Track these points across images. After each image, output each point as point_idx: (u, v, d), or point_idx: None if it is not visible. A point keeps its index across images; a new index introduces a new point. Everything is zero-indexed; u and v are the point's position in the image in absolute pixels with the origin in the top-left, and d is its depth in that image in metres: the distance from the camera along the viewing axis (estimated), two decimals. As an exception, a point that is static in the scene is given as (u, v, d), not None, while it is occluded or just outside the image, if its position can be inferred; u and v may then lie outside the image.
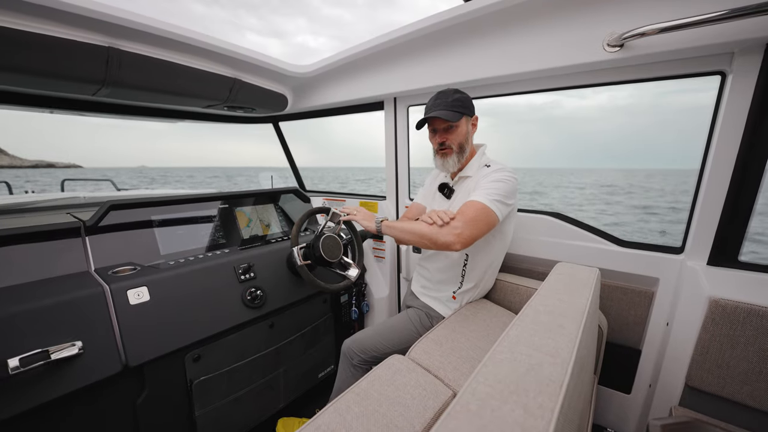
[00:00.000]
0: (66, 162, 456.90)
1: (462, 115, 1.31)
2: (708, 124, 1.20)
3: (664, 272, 1.34)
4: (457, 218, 1.20)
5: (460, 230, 1.17)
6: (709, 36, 1.03)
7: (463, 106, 1.32)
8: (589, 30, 1.19)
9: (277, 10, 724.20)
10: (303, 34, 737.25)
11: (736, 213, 1.16)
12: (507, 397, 0.49)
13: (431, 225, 1.23)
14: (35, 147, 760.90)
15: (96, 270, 1.21)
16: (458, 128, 1.33)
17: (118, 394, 1.12)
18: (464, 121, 1.34)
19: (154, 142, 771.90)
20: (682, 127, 43.63)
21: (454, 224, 1.18)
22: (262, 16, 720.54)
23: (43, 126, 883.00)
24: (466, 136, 1.35)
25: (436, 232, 1.20)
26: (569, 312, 0.75)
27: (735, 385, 1.12)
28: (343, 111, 2.21)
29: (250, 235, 1.67)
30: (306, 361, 1.72)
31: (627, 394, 1.49)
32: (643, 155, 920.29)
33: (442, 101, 1.31)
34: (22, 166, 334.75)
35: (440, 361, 1.12)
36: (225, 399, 1.37)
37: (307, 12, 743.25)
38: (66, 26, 1.16)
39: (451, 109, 1.29)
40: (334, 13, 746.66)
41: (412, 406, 0.91)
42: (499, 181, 1.25)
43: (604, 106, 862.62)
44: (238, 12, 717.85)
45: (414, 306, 1.53)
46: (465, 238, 1.17)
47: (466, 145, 1.36)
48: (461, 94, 1.33)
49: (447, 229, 1.18)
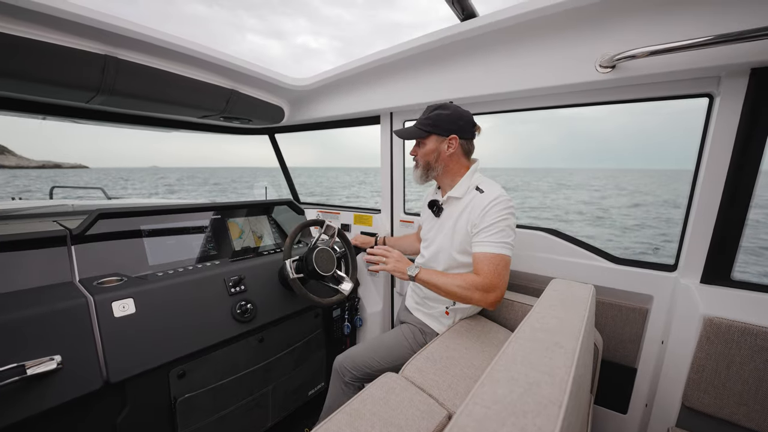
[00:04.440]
0: (72, 162, 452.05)
1: (429, 133, 1.30)
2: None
3: (657, 290, 1.34)
4: (484, 277, 1.18)
5: (492, 290, 1.17)
6: (696, 60, 1.07)
7: (433, 125, 1.29)
8: (583, 51, 1.22)
9: (277, 10, 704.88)
10: (304, 35, 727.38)
11: (727, 231, 1.18)
12: (505, 419, 0.47)
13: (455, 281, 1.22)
14: (42, 148, 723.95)
15: (80, 280, 1.17)
16: (425, 145, 1.33)
17: (98, 412, 1.07)
18: (433, 139, 1.31)
19: (161, 143, 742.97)
20: (687, 126, 43.05)
21: (482, 285, 1.17)
22: (262, 17, 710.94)
23: (49, 127, 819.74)
24: (434, 154, 1.32)
25: (468, 294, 1.19)
26: (566, 329, 0.74)
27: (731, 406, 1.11)
28: (340, 124, 2.22)
29: (241, 246, 1.65)
30: (296, 378, 1.67)
31: (623, 414, 1.46)
32: (645, 155, 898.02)
33: (421, 115, 1.34)
34: (29, 166, 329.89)
35: (434, 380, 1.09)
36: (210, 417, 1.31)
37: (307, 12, 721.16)
38: (63, 33, 1.15)
39: (421, 126, 1.31)
40: (334, 12, 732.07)
41: (405, 427, 0.88)
42: (503, 220, 1.21)
43: (607, 105, 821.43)
44: (238, 12, 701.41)
45: (408, 322, 1.50)
46: (497, 296, 1.19)
47: (434, 164, 1.33)
48: (444, 111, 1.29)
49: (479, 293, 1.18)
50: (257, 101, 1.91)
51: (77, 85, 1.31)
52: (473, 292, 1.18)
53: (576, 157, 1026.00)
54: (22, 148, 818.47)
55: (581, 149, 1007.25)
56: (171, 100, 1.60)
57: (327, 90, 1.94)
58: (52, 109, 1.63)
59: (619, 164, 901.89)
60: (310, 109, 2.10)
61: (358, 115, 2.01)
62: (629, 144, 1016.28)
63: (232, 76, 1.66)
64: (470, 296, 1.19)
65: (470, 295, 1.19)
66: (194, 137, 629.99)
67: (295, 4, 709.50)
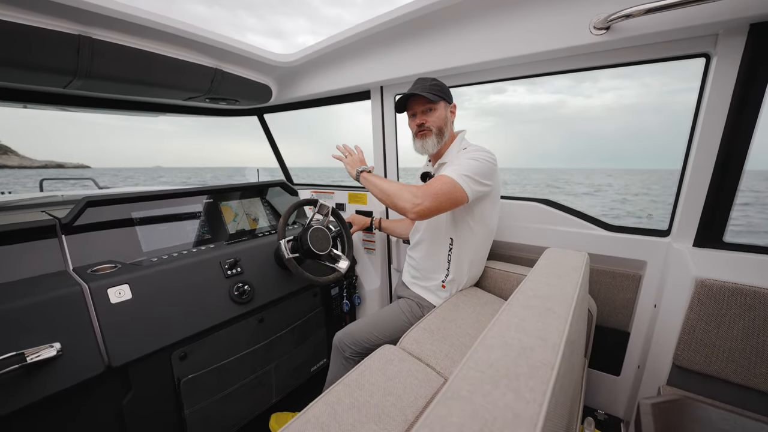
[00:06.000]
0: (75, 162, 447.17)
1: (441, 98, 1.32)
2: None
3: (651, 255, 1.36)
4: (422, 188, 1.18)
5: (420, 200, 1.16)
6: (693, 17, 1.03)
7: (442, 91, 1.34)
8: (576, 12, 1.18)
9: (277, 10, 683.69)
10: (304, 35, 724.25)
11: (720, 194, 1.17)
12: (498, 382, 0.48)
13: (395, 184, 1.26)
14: (44, 147, 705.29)
15: (74, 269, 1.16)
16: (437, 111, 1.34)
17: (103, 396, 1.09)
18: (443, 105, 1.35)
19: (163, 143, 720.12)
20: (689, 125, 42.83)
21: (416, 192, 1.18)
22: (262, 16, 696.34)
23: (52, 126, 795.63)
24: (444, 120, 1.36)
25: (399, 193, 1.21)
26: (559, 296, 0.75)
27: (720, 363, 1.15)
28: (330, 101, 2.16)
29: (236, 229, 1.64)
30: (297, 356, 1.71)
31: (616, 376, 1.51)
32: (647, 155, 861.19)
33: (421, 85, 1.32)
34: (32, 166, 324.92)
35: (431, 350, 1.12)
36: (215, 396, 1.34)
37: (307, 12, 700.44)
38: (30, 11, 1.09)
39: (430, 92, 1.30)
40: (333, 12, 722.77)
41: (403, 395, 0.90)
42: (474, 159, 1.24)
43: (610, 105, 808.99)
44: (238, 12, 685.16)
45: (405, 296, 1.52)
46: (422, 209, 1.16)
47: (445, 129, 1.37)
48: (438, 81, 1.35)
49: (408, 195, 1.18)
50: (243, 80, 1.85)
51: (52, 69, 1.25)
52: (405, 192, 1.20)
53: (577, 157, 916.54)
54: (25, 148, 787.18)
55: (582, 149, 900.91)
56: (152, 82, 1.54)
57: (315, 66, 1.88)
58: (31, 96, 1.57)
59: (623, 165, 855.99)
60: (299, 87, 2.04)
61: (348, 91, 1.95)
62: (630, 144, 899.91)
63: (216, 54, 1.60)
64: (401, 195, 1.20)
65: (401, 195, 1.20)
66: (196, 137, 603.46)
67: (294, 3, 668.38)
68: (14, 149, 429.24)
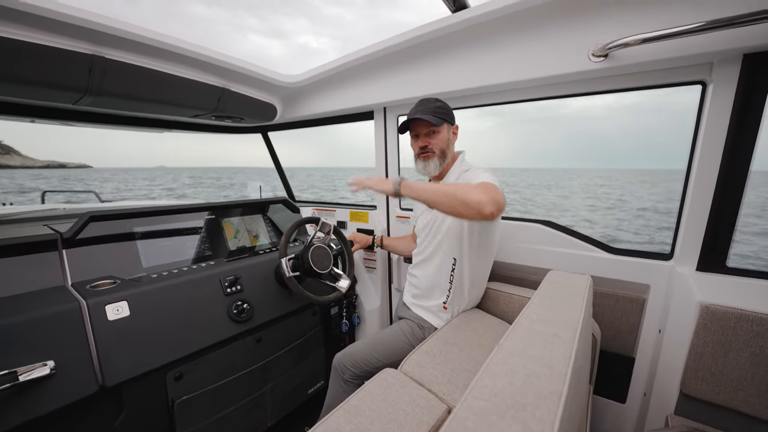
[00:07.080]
0: (77, 162, 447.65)
1: (444, 121, 1.34)
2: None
3: (654, 279, 1.35)
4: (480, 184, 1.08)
5: (489, 193, 1.02)
6: (688, 47, 1.06)
7: (446, 114, 1.35)
8: (575, 40, 1.22)
9: (278, 10, 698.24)
10: (305, 35, 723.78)
11: (722, 219, 1.18)
12: (504, 412, 0.47)
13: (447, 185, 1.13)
14: (46, 147, 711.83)
15: (73, 284, 1.15)
16: (440, 133, 1.35)
17: (95, 417, 1.06)
18: (446, 128, 1.37)
19: (167, 143, 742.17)
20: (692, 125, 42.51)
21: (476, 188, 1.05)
22: (262, 17, 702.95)
23: (54, 127, 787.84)
24: (447, 142, 1.38)
25: (463, 189, 1.06)
26: (564, 321, 0.74)
27: (729, 392, 1.12)
28: (333, 121, 2.20)
29: (237, 246, 1.63)
30: (295, 377, 1.66)
31: (622, 403, 1.47)
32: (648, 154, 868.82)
33: (425, 107, 1.34)
34: (34, 166, 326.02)
35: (433, 374, 1.09)
36: (209, 419, 1.30)
37: (308, 12, 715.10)
38: (48, 33, 1.13)
39: (434, 115, 1.31)
40: (334, 12, 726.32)
41: (405, 423, 0.87)
42: (491, 173, 1.23)
43: (611, 105, 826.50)
44: (238, 12, 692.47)
45: (406, 317, 1.50)
46: (499, 200, 1.03)
47: (447, 151, 1.39)
48: (443, 103, 1.37)
49: (474, 189, 1.04)
50: (249, 99, 1.89)
51: (63, 86, 1.28)
52: (468, 188, 1.07)
53: (578, 157, 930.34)
54: (28, 149, 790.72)
55: (583, 149, 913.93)
56: (160, 100, 1.58)
57: (319, 86, 1.92)
58: (39, 112, 1.59)
59: (624, 165, 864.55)
60: (303, 106, 2.08)
61: (352, 111, 1.99)
62: (631, 144, 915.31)
63: (223, 74, 1.64)
64: (467, 190, 1.05)
65: (467, 189, 1.05)
66: (199, 137, 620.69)
67: (295, 3, 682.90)
68: (17, 149, 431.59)
